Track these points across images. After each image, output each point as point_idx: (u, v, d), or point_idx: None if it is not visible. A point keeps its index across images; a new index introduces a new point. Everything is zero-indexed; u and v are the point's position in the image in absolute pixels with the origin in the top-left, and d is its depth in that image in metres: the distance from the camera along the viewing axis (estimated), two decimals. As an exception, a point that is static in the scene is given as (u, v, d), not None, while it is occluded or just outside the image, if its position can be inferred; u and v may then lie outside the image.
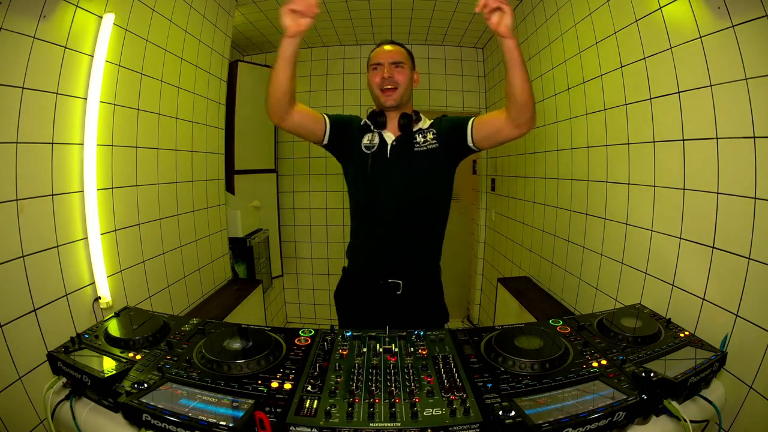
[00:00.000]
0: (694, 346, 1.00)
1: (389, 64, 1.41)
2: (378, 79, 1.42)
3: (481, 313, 3.72)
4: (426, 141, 1.43)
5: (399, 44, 1.48)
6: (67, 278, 1.34)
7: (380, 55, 1.43)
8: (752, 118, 1.05)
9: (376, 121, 1.44)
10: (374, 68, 1.44)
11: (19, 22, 1.15)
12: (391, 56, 1.42)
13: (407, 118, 1.43)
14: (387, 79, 1.39)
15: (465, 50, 3.57)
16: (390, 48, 1.45)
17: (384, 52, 1.43)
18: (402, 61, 1.42)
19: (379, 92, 1.43)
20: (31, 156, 1.22)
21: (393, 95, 1.41)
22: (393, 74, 1.41)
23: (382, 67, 1.41)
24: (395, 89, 1.41)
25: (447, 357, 0.96)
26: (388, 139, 1.44)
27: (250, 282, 2.67)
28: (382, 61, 1.41)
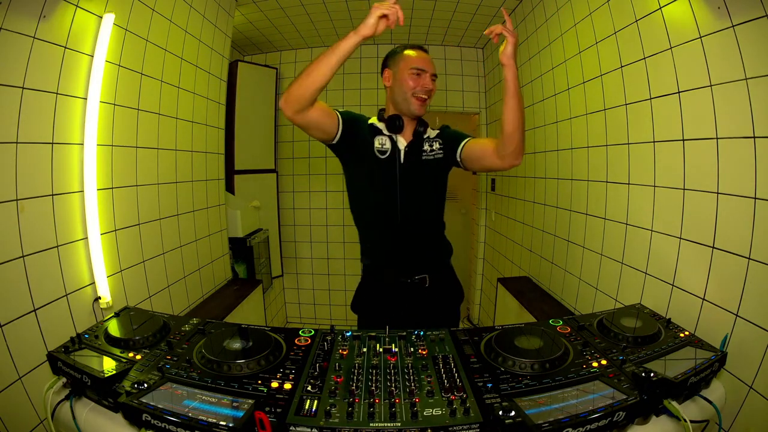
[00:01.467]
0: (694, 346, 1.00)
1: (431, 75, 1.41)
2: (415, 84, 1.39)
3: (481, 313, 3.72)
4: (433, 150, 1.47)
5: None
6: (67, 278, 1.34)
7: (425, 63, 1.41)
8: (752, 118, 1.05)
9: (394, 125, 1.42)
10: (416, 73, 1.40)
11: (19, 22, 1.15)
12: (433, 67, 1.43)
13: (425, 126, 1.47)
14: (428, 90, 1.40)
15: (465, 50, 3.57)
16: (429, 59, 1.45)
17: (429, 61, 1.43)
18: (436, 75, 1.45)
19: (412, 98, 1.40)
20: (31, 156, 1.22)
21: (425, 105, 1.43)
22: (433, 86, 1.42)
23: (425, 74, 1.40)
24: (427, 101, 1.43)
25: (447, 357, 0.96)
26: (401, 144, 1.45)
27: (250, 282, 2.67)
28: (427, 69, 1.40)
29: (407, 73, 1.40)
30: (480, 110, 3.57)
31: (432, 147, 1.47)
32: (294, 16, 2.92)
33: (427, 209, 1.49)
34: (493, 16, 2.89)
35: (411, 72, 1.40)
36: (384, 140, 1.44)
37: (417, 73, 1.40)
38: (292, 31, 3.21)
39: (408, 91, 1.40)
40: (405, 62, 1.42)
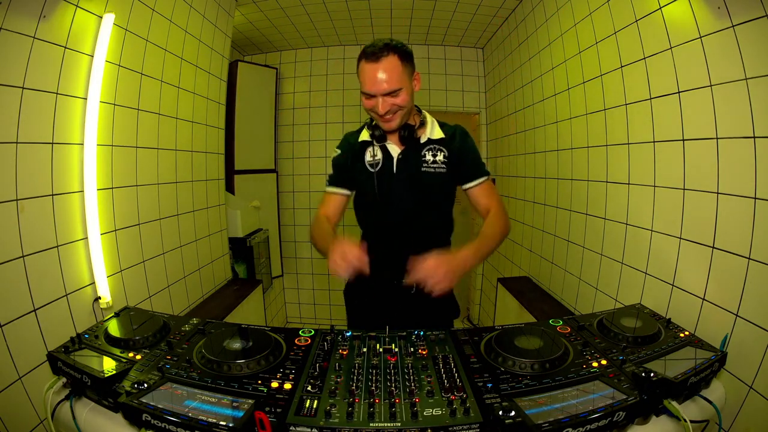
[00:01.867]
0: (694, 346, 1.00)
1: (383, 97, 1.19)
2: (370, 106, 1.23)
3: (481, 313, 3.72)
4: (435, 162, 1.32)
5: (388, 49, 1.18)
6: (67, 278, 1.34)
7: (368, 84, 1.19)
8: (752, 118, 1.05)
9: (374, 134, 1.31)
10: (366, 97, 1.22)
11: (19, 22, 1.15)
12: (382, 87, 1.17)
13: (408, 129, 1.30)
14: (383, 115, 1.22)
15: (465, 50, 3.57)
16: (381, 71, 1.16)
17: (375, 80, 1.17)
18: (398, 89, 1.19)
19: (376, 116, 1.26)
20: (31, 156, 1.22)
21: (394, 121, 1.25)
22: (390, 105, 1.20)
23: (375, 99, 1.20)
24: (395, 113, 1.24)
25: (447, 357, 0.96)
26: (393, 152, 1.34)
27: (250, 282, 2.67)
28: (374, 92, 1.19)
29: (362, 95, 1.24)
30: (480, 110, 3.57)
31: (435, 158, 1.32)
32: (294, 16, 2.92)
33: (424, 220, 1.36)
34: (493, 16, 2.89)
35: (362, 93, 1.23)
36: (375, 151, 1.34)
37: (366, 97, 1.22)
38: (292, 31, 3.21)
39: (367, 110, 1.27)
40: (360, 79, 1.23)
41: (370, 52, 1.18)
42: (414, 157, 1.33)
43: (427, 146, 1.34)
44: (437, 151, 1.34)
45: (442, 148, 1.34)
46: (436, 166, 1.33)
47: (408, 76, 1.23)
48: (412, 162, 1.33)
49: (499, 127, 3.24)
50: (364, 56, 1.20)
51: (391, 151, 1.35)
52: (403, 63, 1.20)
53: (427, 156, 1.33)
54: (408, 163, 1.33)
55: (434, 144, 1.34)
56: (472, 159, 1.38)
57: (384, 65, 1.17)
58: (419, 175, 1.33)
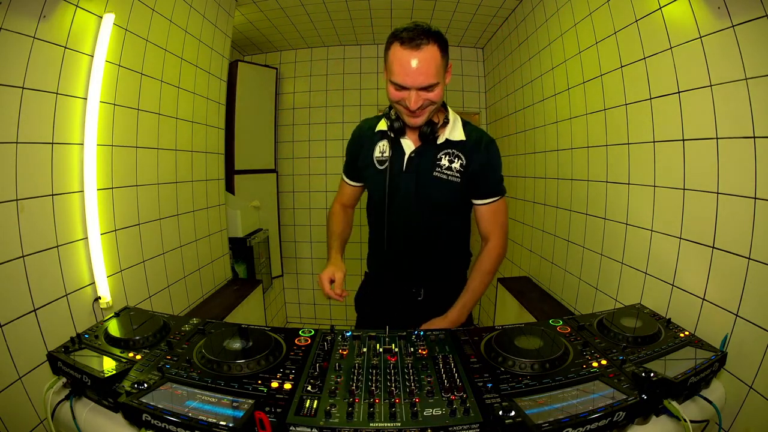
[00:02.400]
0: (694, 346, 1.00)
1: (418, 91, 1.08)
2: (399, 97, 1.12)
3: (481, 313, 3.72)
4: (450, 169, 1.22)
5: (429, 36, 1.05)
6: (67, 278, 1.34)
7: (402, 75, 1.07)
8: (752, 118, 1.05)
9: (392, 126, 1.22)
10: (396, 87, 1.10)
11: (19, 22, 1.15)
12: (420, 79, 1.06)
13: (431, 126, 1.20)
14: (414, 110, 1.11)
15: (465, 50, 3.57)
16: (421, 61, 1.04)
17: (413, 71, 1.05)
18: (435, 83, 1.07)
19: (401, 109, 1.15)
20: (31, 156, 1.22)
21: (422, 117, 1.15)
22: (423, 100, 1.10)
23: (408, 92, 1.09)
24: (425, 109, 1.13)
25: (447, 357, 0.96)
26: (407, 148, 1.26)
27: (250, 282, 2.67)
28: (408, 85, 1.07)
29: (390, 85, 1.12)
30: (480, 110, 3.57)
31: (451, 164, 1.22)
32: (294, 16, 2.92)
33: (433, 224, 1.29)
34: (493, 16, 2.89)
35: (391, 84, 1.11)
36: (384, 146, 1.27)
37: (397, 89, 1.11)
38: (292, 31, 3.21)
39: (393, 101, 1.16)
40: (389, 67, 1.12)
41: (409, 38, 1.04)
42: (428, 158, 1.24)
43: (444, 149, 1.23)
44: (455, 157, 1.23)
45: (460, 155, 1.23)
46: (449, 173, 1.23)
47: (444, 69, 1.12)
48: (425, 163, 1.24)
49: (499, 127, 3.24)
50: (400, 41, 1.05)
51: (405, 146, 1.26)
52: (442, 54, 1.09)
53: (443, 160, 1.23)
54: (420, 163, 1.24)
55: (453, 148, 1.23)
56: (491, 173, 1.26)
57: (423, 55, 1.04)
58: (428, 179, 1.24)
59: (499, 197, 1.29)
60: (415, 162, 1.25)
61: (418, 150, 1.25)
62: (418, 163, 1.24)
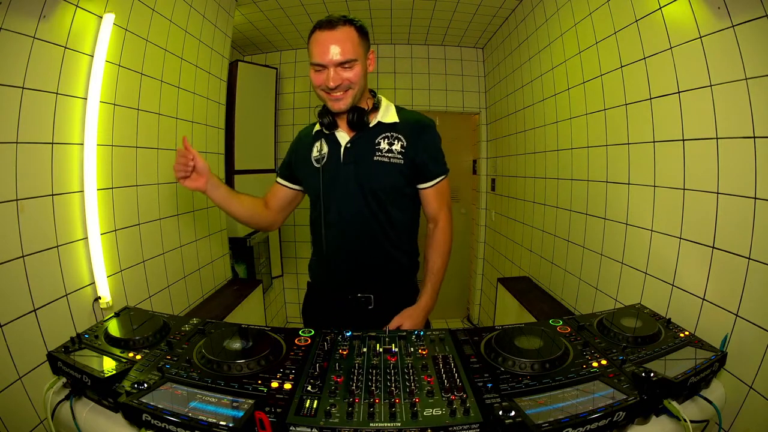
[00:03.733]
0: (694, 346, 1.00)
1: (335, 68, 1.11)
2: (319, 81, 1.14)
3: (481, 313, 3.72)
4: (390, 152, 1.20)
5: (345, 21, 1.11)
6: (67, 278, 1.34)
7: (320, 53, 1.10)
8: (752, 118, 1.05)
9: (322, 122, 1.22)
10: (317, 69, 1.13)
11: (19, 22, 1.15)
12: (335, 55, 1.09)
13: (358, 112, 1.18)
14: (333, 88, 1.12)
15: (465, 50, 3.57)
16: (335, 39, 1.09)
17: (327, 49, 1.09)
18: (353, 59, 1.11)
19: (324, 95, 1.16)
20: (31, 156, 1.22)
21: (344, 99, 1.15)
22: (341, 79, 1.12)
23: (325, 71, 1.11)
24: (346, 91, 1.14)
25: (447, 357, 0.96)
26: (342, 140, 1.23)
27: (250, 282, 2.67)
28: (325, 62, 1.10)
29: (311, 68, 1.14)
30: (480, 110, 3.57)
31: (391, 146, 1.19)
32: (294, 16, 2.92)
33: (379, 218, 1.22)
34: (493, 16, 2.89)
35: (311, 67, 1.14)
36: (320, 145, 1.25)
37: (317, 69, 1.13)
38: (292, 31, 3.21)
39: (318, 90, 1.16)
40: (309, 52, 1.14)
41: (325, 21, 1.11)
42: (365, 144, 1.21)
43: (381, 133, 1.21)
44: (394, 139, 1.21)
45: (399, 137, 1.21)
46: (391, 155, 1.19)
47: (363, 51, 1.15)
48: (363, 150, 1.21)
49: (499, 127, 3.24)
50: (318, 26, 1.12)
51: (340, 138, 1.24)
52: (360, 36, 1.14)
53: (381, 144, 1.20)
54: (357, 151, 1.21)
55: (390, 131, 1.22)
56: (432, 155, 1.25)
57: (339, 33, 1.09)
58: (369, 165, 1.19)
59: (444, 176, 1.29)
60: (352, 152, 1.21)
61: (353, 139, 1.22)
62: (356, 152, 1.21)
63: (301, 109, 3.61)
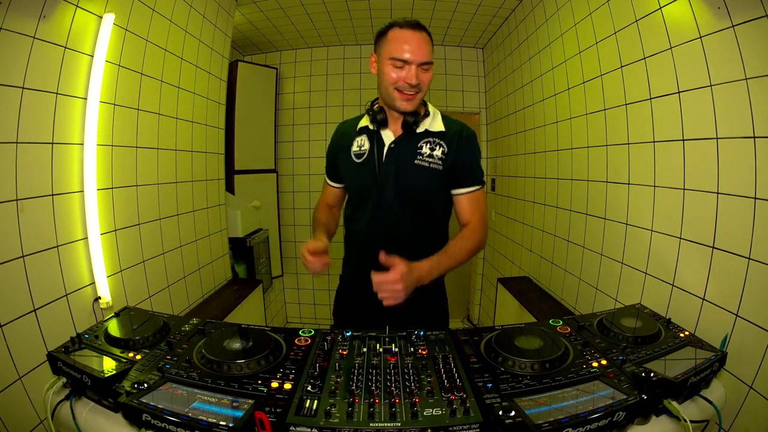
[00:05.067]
0: (694, 346, 1.00)
1: (418, 66, 1.13)
2: (397, 77, 1.14)
3: (481, 313, 3.72)
4: (431, 156, 1.22)
5: (422, 26, 1.17)
6: (67, 278, 1.34)
7: (408, 50, 1.12)
8: (752, 118, 1.05)
9: (375, 118, 1.24)
10: (397, 65, 1.13)
11: (19, 22, 1.15)
12: (422, 54, 1.12)
13: (415, 115, 1.22)
14: (413, 86, 1.14)
15: (465, 50, 3.57)
16: (420, 39, 1.13)
17: (414, 47, 1.12)
18: (431, 62, 1.15)
19: (395, 92, 1.16)
20: (31, 156, 1.22)
21: (414, 100, 1.16)
22: (421, 79, 1.14)
23: (409, 67, 1.13)
24: (417, 93, 1.16)
25: (447, 357, 0.96)
26: (387, 139, 1.25)
27: (250, 282, 2.67)
28: (411, 59, 1.12)
29: (386, 63, 1.15)
30: (480, 110, 3.57)
31: (432, 151, 1.22)
32: (294, 16, 2.92)
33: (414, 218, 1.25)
34: (493, 16, 2.89)
35: (390, 62, 1.14)
36: (362, 140, 1.26)
37: (399, 66, 1.14)
38: (292, 31, 3.21)
39: (390, 86, 1.16)
40: (387, 47, 1.15)
41: (408, 22, 1.15)
42: (408, 146, 1.23)
43: (424, 138, 1.24)
44: (436, 145, 1.23)
45: (441, 143, 1.24)
46: (431, 161, 1.22)
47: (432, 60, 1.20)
48: (406, 152, 1.23)
49: (499, 127, 3.24)
50: (399, 25, 1.15)
51: (385, 138, 1.25)
52: (432, 47, 1.19)
53: (424, 148, 1.22)
54: (400, 152, 1.23)
55: (433, 137, 1.25)
56: (471, 163, 1.27)
57: (423, 36, 1.15)
58: (410, 167, 1.22)
59: (480, 186, 1.29)
60: (395, 152, 1.24)
61: (398, 140, 1.24)
62: (399, 153, 1.23)
63: (301, 109, 3.61)
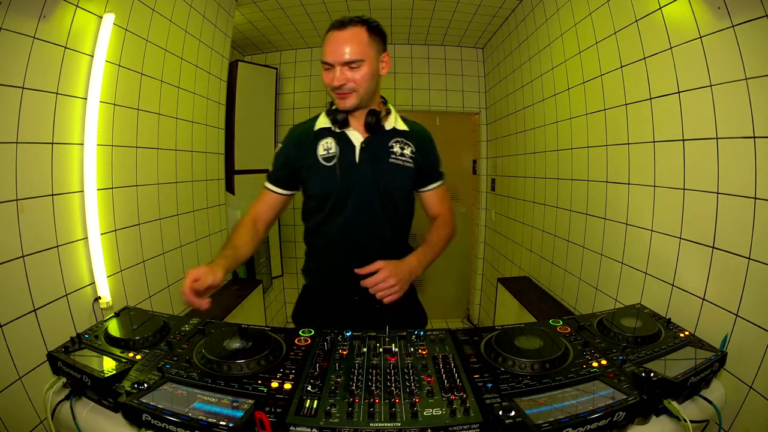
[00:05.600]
0: (694, 346, 1.00)
1: (341, 66, 1.11)
2: (328, 80, 1.14)
3: (481, 313, 3.72)
4: (404, 155, 1.23)
5: (358, 21, 1.12)
6: (67, 278, 1.34)
7: (329, 51, 1.11)
8: (752, 118, 1.05)
9: (335, 119, 1.20)
10: (326, 68, 1.13)
11: (19, 22, 1.15)
12: (341, 54, 1.10)
13: (376, 116, 1.20)
14: (338, 87, 1.13)
15: (465, 50, 3.57)
16: (341, 39, 1.10)
17: (334, 48, 1.10)
18: (359, 59, 1.11)
19: (333, 94, 1.16)
20: (31, 156, 1.22)
21: (348, 99, 1.15)
22: (347, 80, 1.12)
23: (333, 69, 1.12)
24: (352, 93, 1.14)
25: (447, 357, 0.96)
26: (356, 140, 1.22)
27: (250, 282, 2.67)
28: (332, 61, 1.11)
29: (322, 67, 1.15)
30: (480, 110, 3.57)
31: (403, 150, 1.23)
32: (294, 16, 2.92)
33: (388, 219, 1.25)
34: (493, 16, 2.89)
35: (322, 65, 1.15)
36: (328, 143, 1.22)
37: (327, 68, 1.14)
38: (292, 31, 3.21)
39: (328, 87, 1.16)
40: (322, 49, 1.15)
41: (338, 21, 1.13)
42: (380, 146, 1.22)
43: (394, 137, 1.24)
44: (405, 144, 1.25)
45: (409, 143, 1.26)
46: (404, 159, 1.23)
47: (375, 51, 1.15)
48: (378, 151, 1.21)
49: (499, 127, 3.24)
50: (330, 26, 1.14)
51: (353, 138, 1.22)
52: (371, 36, 1.14)
53: (395, 147, 1.23)
54: (373, 152, 1.21)
55: (400, 136, 1.25)
56: (436, 162, 1.34)
57: (348, 33, 1.11)
58: (386, 166, 1.21)
59: (443, 182, 1.37)
60: (368, 152, 1.21)
61: (368, 140, 1.22)
62: (372, 153, 1.21)
63: (301, 109, 3.61)
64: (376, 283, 1.10)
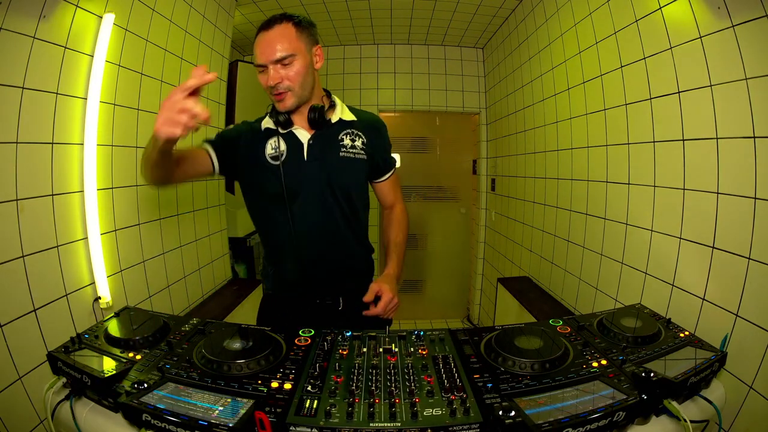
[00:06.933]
0: (694, 346, 1.00)
1: (272, 65, 1.10)
2: (263, 82, 1.13)
3: (481, 313, 3.72)
4: (354, 147, 1.22)
5: (283, 17, 1.12)
6: (67, 278, 1.34)
7: (258, 53, 1.11)
8: (752, 118, 1.05)
9: (277, 120, 1.18)
10: (260, 71, 1.13)
11: (19, 22, 1.15)
12: (270, 53, 1.09)
13: (317, 110, 1.17)
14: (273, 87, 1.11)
15: (465, 50, 3.57)
16: (267, 39, 1.10)
17: (263, 48, 1.10)
18: (290, 54, 1.09)
19: (271, 96, 1.15)
20: (31, 156, 1.22)
21: (287, 100, 1.14)
22: (281, 78, 1.11)
23: (266, 70, 1.11)
24: (288, 92, 1.13)
25: (447, 357, 0.96)
26: (302, 137, 1.19)
27: (250, 282, 2.66)
28: (263, 62, 1.10)
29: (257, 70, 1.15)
30: (480, 110, 3.57)
31: (354, 142, 1.21)
32: (294, 16, 2.92)
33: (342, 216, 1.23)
34: (493, 16, 2.89)
35: (257, 70, 1.14)
36: (275, 142, 1.19)
37: (261, 70, 1.13)
38: (292, 31, 3.20)
39: (264, 88, 1.15)
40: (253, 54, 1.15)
41: (264, 22, 1.12)
42: (328, 141, 1.20)
43: (343, 129, 1.23)
44: (355, 136, 1.23)
45: (360, 134, 1.24)
46: (355, 151, 1.22)
47: (305, 45, 1.14)
48: (327, 146, 1.20)
49: (499, 127, 3.24)
50: (259, 29, 1.13)
51: (300, 136, 1.20)
52: (299, 30, 1.12)
53: (345, 140, 1.21)
54: (322, 148, 1.19)
55: (350, 128, 1.24)
56: (388, 151, 1.35)
57: (275, 32, 1.10)
58: (337, 160, 1.20)
59: (394, 170, 1.40)
60: (316, 148, 1.19)
61: (315, 136, 1.20)
62: (320, 149, 1.19)
63: (301, 109, 3.61)
64: (385, 306, 1.16)
